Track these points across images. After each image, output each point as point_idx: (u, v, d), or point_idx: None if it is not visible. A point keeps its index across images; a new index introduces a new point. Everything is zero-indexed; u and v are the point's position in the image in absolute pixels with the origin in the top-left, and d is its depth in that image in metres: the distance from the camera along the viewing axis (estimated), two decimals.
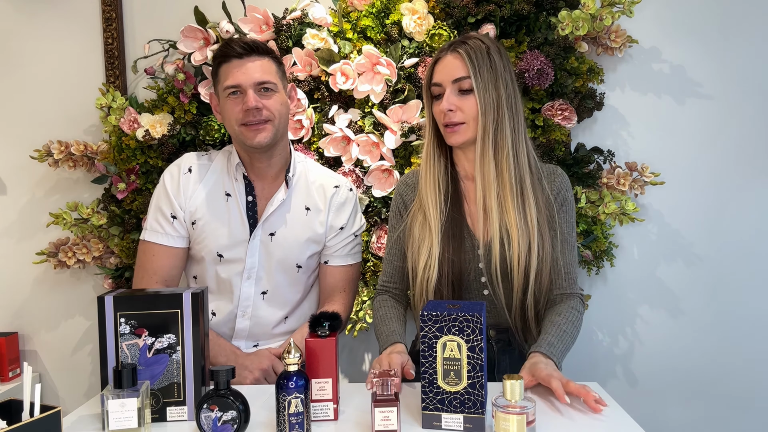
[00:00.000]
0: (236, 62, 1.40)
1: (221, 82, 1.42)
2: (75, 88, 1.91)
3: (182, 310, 1.07)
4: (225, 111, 1.43)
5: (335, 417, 1.06)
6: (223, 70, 1.42)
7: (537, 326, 1.33)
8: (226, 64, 1.41)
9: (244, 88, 1.39)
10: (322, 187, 1.53)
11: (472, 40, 1.30)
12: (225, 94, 1.41)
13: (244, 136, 1.40)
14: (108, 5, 1.87)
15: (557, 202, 1.34)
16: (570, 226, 1.35)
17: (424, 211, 1.33)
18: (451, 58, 1.29)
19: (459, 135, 1.29)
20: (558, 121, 1.71)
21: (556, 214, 1.32)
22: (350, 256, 1.56)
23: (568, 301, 1.31)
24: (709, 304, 1.85)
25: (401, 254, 1.41)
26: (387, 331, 1.31)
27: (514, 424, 0.91)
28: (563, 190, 1.35)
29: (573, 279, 1.34)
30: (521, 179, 1.29)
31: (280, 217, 1.48)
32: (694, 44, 1.81)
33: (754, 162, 1.82)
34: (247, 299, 1.48)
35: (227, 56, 1.41)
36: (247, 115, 1.38)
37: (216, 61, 1.44)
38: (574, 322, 1.27)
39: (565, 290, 1.33)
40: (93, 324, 1.97)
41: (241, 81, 1.38)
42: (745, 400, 1.85)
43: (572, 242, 1.35)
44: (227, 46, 1.41)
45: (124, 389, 0.97)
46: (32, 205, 1.96)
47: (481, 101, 1.26)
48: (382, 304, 1.40)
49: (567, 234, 1.34)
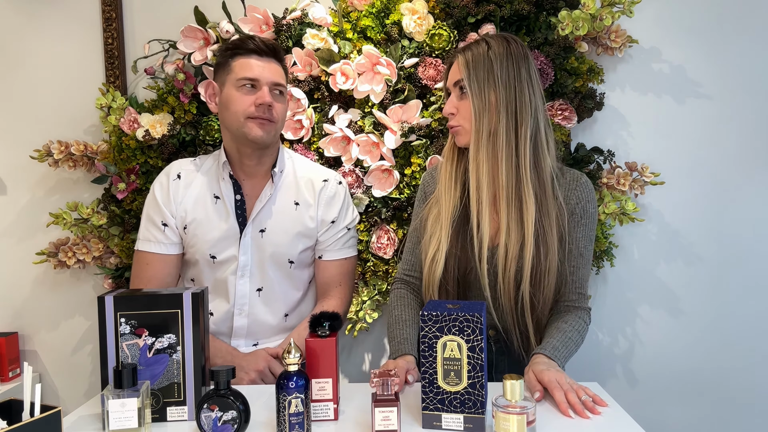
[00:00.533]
0: (255, 58, 1.43)
1: (234, 72, 1.42)
2: (75, 88, 1.91)
3: (182, 310, 1.07)
4: (232, 101, 1.42)
5: (335, 417, 1.06)
6: (239, 62, 1.43)
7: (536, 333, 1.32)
8: (244, 57, 1.43)
9: (261, 84, 1.41)
10: (311, 182, 1.53)
11: (474, 43, 1.31)
12: (237, 84, 1.42)
13: (248, 128, 1.41)
14: (108, 5, 1.87)
15: (576, 213, 1.30)
16: (587, 240, 1.32)
17: (439, 206, 1.34)
18: (455, 62, 1.31)
19: (459, 137, 1.32)
20: (558, 121, 1.71)
21: (566, 224, 1.28)
22: (344, 249, 1.56)
23: (576, 312, 1.30)
24: (709, 303, 1.85)
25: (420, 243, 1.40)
26: (400, 338, 1.29)
27: (514, 424, 0.91)
28: (583, 201, 1.31)
29: (583, 293, 1.32)
30: (518, 182, 1.25)
31: (269, 213, 1.48)
32: (694, 44, 1.81)
33: (754, 162, 1.82)
34: (242, 297, 1.49)
35: (248, 50, 1.43)
36: (259, 110, 1.40)
37: (230, 52, 1.44)
38: (581, 332, 1.27)
39: (574, 303, 1.32)
40: (93, 324, 1.97)
41: (261, 76, 1.41)
42: (746, 399, 1.85)
43: (587, 256, 1.33)
44: (249, 40, 1.43)
45: (125, 389, 0.97)
46: (32, 205, 1.96)
47: (474, 105, 1.26)
48: (399, 300, 1.38)
49: (583, 248, 1.31)
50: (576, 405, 1.05)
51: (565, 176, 1.33)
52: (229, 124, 1.45)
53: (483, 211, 1.26)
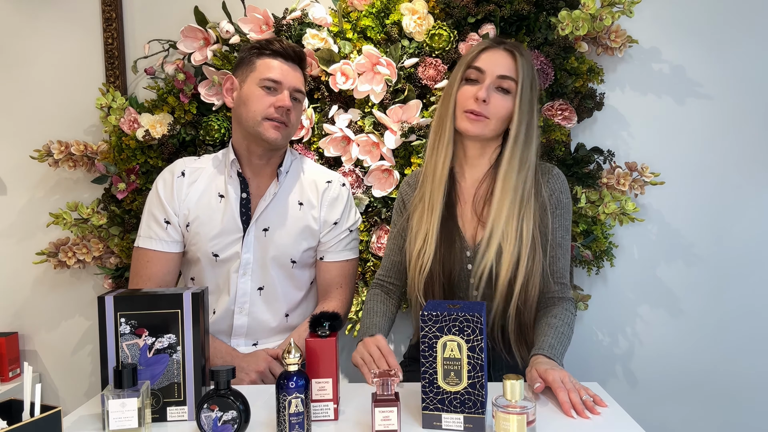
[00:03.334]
0: (282, 61, 1.44)
1: (258, 70, 1.43)
2: (75, 88, 1.91)
3: (182, 310, 1.07)
4: (252, 98, 1.43)
5: (335, 417, 1.06)
6: (264, 62, 1.43)
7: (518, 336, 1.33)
8: (270, 58, 1.44)
9: (283, 87, 1.43)
10: (315, 183, 1.54)
11: (525, 50, 1.32)
12: (260, 84, 1.42)
13: (263, 128, 1.42)
14: (108, 5, 1.87)
15: (551, 203, 1.32)
16: (564, 230, 1.34)
17: (424, 200, 1.34)
18: (504, 54, 1.29)
19: (479, 125, 1.28)
20: (558, 121, 1.71)
21: (549, 218, 1.31)
22: (346, 251, 1.56)
23: (562, 304, 1.31)
24: (709, 303, 1.85)
25: (399, 249, 1.43)
26: (369, 324, 1.35)
27: (514, 424, 0.91)
28: (557, 192, 1.33)
29: (565, 284, 1.34)
30: (528, 191, 1.29)
31: (273, 212, 1.49)
32: (694, 44, 1.81)
33: (755, 162, 1.82)
34: (243, 295, 1.49)
35: (274, 51, 1.44)
36: (277, 112, 1.42)
37: (257, 51, 1.45)
38: (570, 324, 1.28)
39: (557, 294, 1.33)
40: (93, 324, 1.97)
41: (284, 79, 1.43)
42: (746, 399, 1.85)
43: (566, 246, 1.34)
44: (280, 43, 1.45)
45: (125, 389, 0.97)
46: (32, 205, 1.96)
47: (518, 109, 1.27)
48: (372, 298, 1.43)
49: (561, 238, 1.33)
50: (577, 405, 1.05)
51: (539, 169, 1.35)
52: (245, 120, 1.44)
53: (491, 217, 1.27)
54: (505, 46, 1.30)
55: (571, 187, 1.71)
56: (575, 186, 1.76)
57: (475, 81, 1.29)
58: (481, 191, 1.34)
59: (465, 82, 1.31)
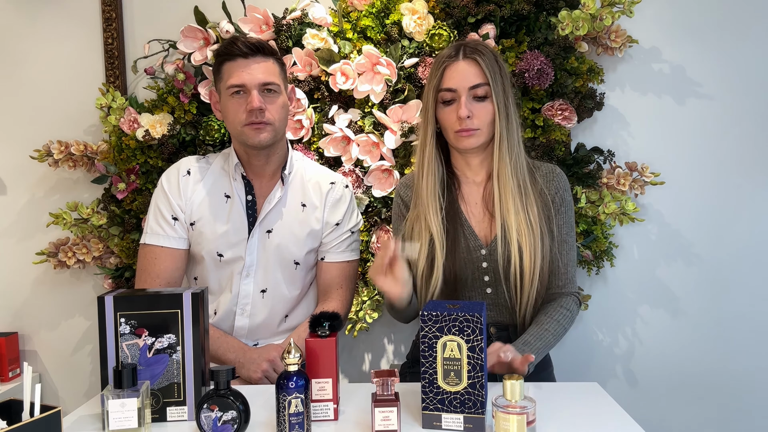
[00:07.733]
0: (241, 61, 1.39)
1: (224, 80, 1.42)
2: (75, 88, 1.91)
3: (182, 310, 1.07)
4: (227, 110, 1.42)
5: (335, 417, 1.06)
6: (226, 68, 1.41)
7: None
8: (230, 62, 1.40)
9: (249, 88, 1.39)
10: (318, 184, 1.53)
11: (481, 46, 1.32)
12: (228, 92, 1.41)
13: (246, 135, 1.40)
14: (108, 5, 1.87)
15: (555, 202, 1.36)
16: (569, 227, 1.37)
17: (422, 218, 1.34)
18: (466, 64, 1.29)
19: (473, 139, 1.30)
20: (558, 121, 1.71)
21: (553, 215, 1.35)
22: (347, 252, 1.56)
23: (560, 300, 1.34)
24: (708, 303, 1.85)
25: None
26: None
27: (514, 424, 0.91)
28: (561, 191, 1.37)
29: (570, 279, 1.37)
30: (524, 180, 1.32)
31: (277, 214, 1.48)
32: (694, 44, 1.80)
33: (754, 162, 1.81)
34: (246, 297, 1.49)
35: (232, 55, 1.40)
36: (251, 116, 1.39)
37: (219, 59, 1.43)
38: (560, 321, 1.29)
39: (561, 290, 1.36)
40: (93, 324, 1.97)
41: (246, 81, 1.38)
42: (746, 399, 1.85)
43: (571, 242, 1.37)
44: (232, 44, 1.40)
45: (124, 389, 0.97)
46: (32, 205, 1.96)
47: (497, 108, 1.28)
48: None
49: (566, 234, 1.37)
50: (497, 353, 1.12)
51: (540, 169, 1.38)
52: (231, 131, 1.46)
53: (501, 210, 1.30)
54: (464, 55, 1.29)
55: (571, 187, 1.71)
56: (575, 186, 1.76)
57: (451, 101, 1.30)
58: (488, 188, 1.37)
59: (443, 105, 1.32)
